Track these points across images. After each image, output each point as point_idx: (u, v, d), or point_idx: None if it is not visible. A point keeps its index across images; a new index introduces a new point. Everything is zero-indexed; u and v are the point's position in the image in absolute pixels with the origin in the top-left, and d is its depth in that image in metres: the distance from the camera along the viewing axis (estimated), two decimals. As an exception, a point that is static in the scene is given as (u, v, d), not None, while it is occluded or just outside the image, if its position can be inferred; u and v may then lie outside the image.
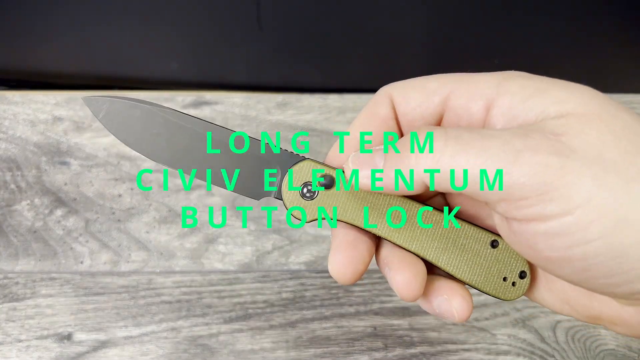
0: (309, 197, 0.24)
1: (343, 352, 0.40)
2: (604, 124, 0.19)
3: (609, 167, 0.18)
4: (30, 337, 0.40)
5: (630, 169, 0.18)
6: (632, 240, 0.17)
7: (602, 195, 0.17)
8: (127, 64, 0.54)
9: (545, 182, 0.18)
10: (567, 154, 0.18)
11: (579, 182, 0.17)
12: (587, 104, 0.19)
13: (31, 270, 0.43)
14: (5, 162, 0.47)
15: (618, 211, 0.17)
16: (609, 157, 0.18)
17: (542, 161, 0.18)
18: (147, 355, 0.40)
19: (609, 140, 0.18)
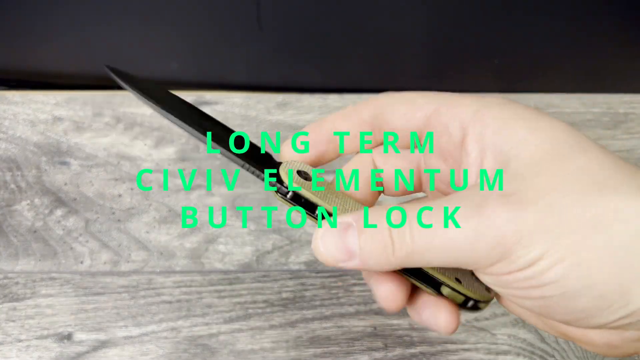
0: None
1: (343, 352, 0.40)
2: (557, 169, 0.20)
3: (561, 215, 0.19)
4: (30, 337, 0.40)
5: (581, 213, 0.19)
6: (584, 284, 0.19)
7: (555, 246, 0.19)
8: (127, 64, 0.54)
9: (504, 251, 0.19)
10: (518, 215, 0.19)
11: (533, 241, 0.19)
12: (546, 145, 0.20)
13: (31, 270, 0.43)
14: (5, 162, 0.47)
15: (570, 258, 0.19)
16: (561, 205, 0.19)
17: (497, 234, 0.19)
18: (147, 355, 0.40)
19: (560, 186, 0.19)
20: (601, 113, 0.51)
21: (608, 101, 0.51)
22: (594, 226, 0.19)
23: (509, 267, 0.20)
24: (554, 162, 0.20)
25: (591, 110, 0.51)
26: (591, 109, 0.51)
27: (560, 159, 0.20)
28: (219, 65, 0.54)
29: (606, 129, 0.50)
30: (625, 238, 0.18)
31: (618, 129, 0.50)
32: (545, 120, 0.22)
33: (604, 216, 0.19)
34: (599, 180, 0.19)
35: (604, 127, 0.50)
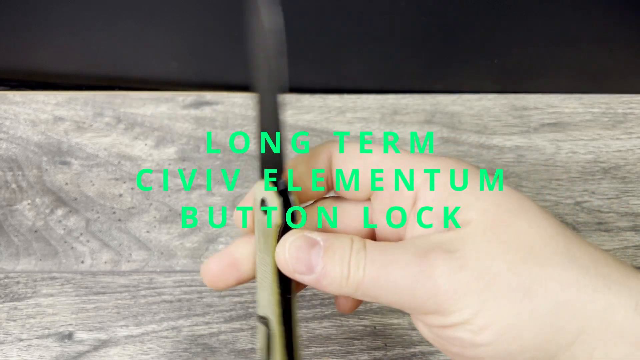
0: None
1: (343, 351, 0.40)
2: (496, 235, 0.21)
3: (494, 280, 0.20)
4: (31, 337, 0.40)
5: (512, 280, 0.20)
6: (515, 348, 0.20)
7: (487, 308, 0.20)
8: (127, 64, 0.54)
9: (438, 303, 0.21)
10: (455, 272, 0.20)
11: (466, 302, 0.20)
12: (487, 212, 0.22)
13: (32, 270, 0.43)
14: (6, 162, 0.48)
15: (501, 322, 0.20)
16: (495, 270, 0.20)
17: (433, 286, 0.21)
18: (148, 354, 0.40)
19: (496, 252, 0.21)
20: (600, 113, 0.51)
21: (607, 101, 0.52)
22: (522, 294, 0.20)
23: (443, 320, 0.21)
24: (496, 227, 0.21)
25: (590, 111, 0.51)
26: (590, 109, 0.51)
27: (501, 225, 0.21)
28: (219, 65, 0.54)
29: (605, 129, 0.50)
30: (549, 306, 0.20)
31: (617, 129, 0.50)
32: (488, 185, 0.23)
33: (531, 285, 0.20)
34: (534, 248, 0.21)
35: (603, 127, 0.50)
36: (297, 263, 0.24)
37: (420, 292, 0.21)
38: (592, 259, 0.21)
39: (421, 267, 0.21)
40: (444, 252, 0.21)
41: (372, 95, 0.52)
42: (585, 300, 0.20)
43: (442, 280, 0.21)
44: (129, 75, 0.54)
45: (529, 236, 0.21)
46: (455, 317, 0.21)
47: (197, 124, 0.50)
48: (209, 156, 0.48)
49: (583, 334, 0.20)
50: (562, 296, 0.20)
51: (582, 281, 0.20)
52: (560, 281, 0.20)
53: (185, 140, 0.49)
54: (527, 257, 0.20)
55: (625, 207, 0.46)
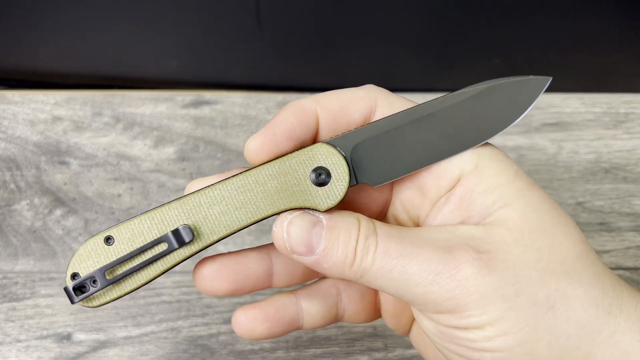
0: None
1: (343, 352, 0.40)
2: (532, 242, 0.20)
3: (523, 290, 0.19)
4: (29, 337, 0.40)
5: (540, 292, 0.20)
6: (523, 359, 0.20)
7: (508, 317, 0.19)
8: (126, 64, 0.54)
9: (458, 304, 0.20)
10: (483, 275, 0.20)
11: (490, 305, 0.19)
12: (528, 216, 0.21)
13: (30, 270, 0.43)
14: (5, 162, 0.47)
15: (520, 333, 0.19)
16: (525, 279, 0.20)
17: (456, 286, 0.20)
18: (147, 355, 0.40)
19: (528, 260, 0.20)
20: (602, 113, 0.51)
21: (609, 101, 0.51)
22: (546, 308, 0.19)
23: (457, 321, 0.20)
24: (534, 233, 0.20)
25: (592, 110, 0.51)
26: (592, 108, 0.51)
27: (540, 231, 0.20)
28: (219, 65, 0.54)
29: (607, 128, 0.50)
30: (569, 326, 0.19)
31: (619, 129, 0.50)
32: (533, 189, 0.22)
33: (556, 300, 0.19)
34: (566, 261, 0.20)
35: (605, 127, 0.50)
36: (296, 243, 0.22)
37: (438, 291, 0.20)
38: (611, 280, 0.20)
39: (446, 265, 0.20)
40: (473, 251, 0.20)
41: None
42: (601, 322, 0.20)
43: (468, 283, 0.19)
44: (128, 75, 0.53)
45: (564, 248, 0.20)
46: (472, 320, 0.20)
47: (196, 124, 0.49)
48: (209, 156, 0.48)
49: (591, 355, 0.20)
50: (582, 316, 0.20)
51: (601, 302, 0.20)
52: (584, 300, 0.20)
53: (185, 140, 0.49)
54: (558, 269, 0.20)
55: (626, 207, 0.46)
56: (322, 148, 0.23)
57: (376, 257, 0.21)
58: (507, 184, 0.22)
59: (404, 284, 0.20)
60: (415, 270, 0.20)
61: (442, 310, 0.20)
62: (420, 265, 0.20)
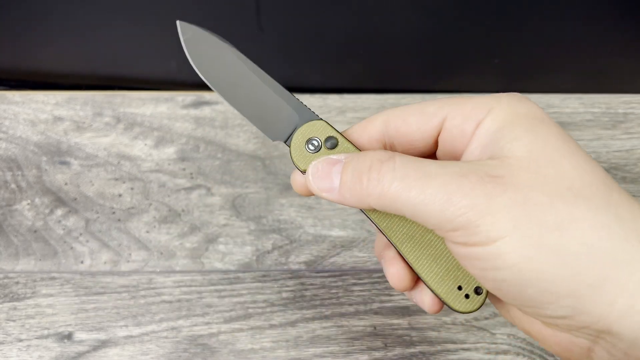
0: (313, 150, 0.27)
1: (343, 351, 0.40)
2: (540, 168, 0.22)
3: (530, 211, 0.21)
4: (30, 337, 0.40)
5: (548, 213, 0.21)
6: (532, 276, 0.21)
7: (516, 235, 0.20)
8: (127, 64, 0.54)
9: (469, 220, 0.21)
10: (494, 196, 0.21)
11: (498, 223, 0.21)
12: (534, 147, 0.22)
13: (31, 270, 0.43)
14: (6, 162, 0.47)
15: (526, 250, 0.20)
16: (535, 201, 0.21)
17: (469, 203, 0.21)
18: (148, 354, 0.40)
19: (538, 185, 0.21)
20: (601, 113, 0.51)
21: (607, 101, 0.52)
22: (554, 229, 0.20)
23: (468, 238, 0.21)
24: (540, 162, 0.22)
25: (590, 110, 0.51)
26: (590, 109, 0.51)
27: (546, 161, 0.22)
28: (219, 65, 0.54)
29: (605, 129, 0.50)
30: (576, 245, 0.20)
31: (617, 129, 0.50)
32: (544, 123, 0.23)
33: (563, 221, 0.20)
34: (573, 187, 0.21)
35: (604, 127, 0.50)
36: (320, 181, 0.25)
37: (452, 209, 0.21)
38: (630, 210, 0.21)
39: (460, 186, 0.21)
40: (486, 175, 0.21)
41: (372, 95, 0.52)
42: (615, 247, 0.20)
43: (479, 200, 0.21)
44: (128, 75, 0.54)
45: (571, 176, 0.21)
46: (482, 236, 0.21)
47: (197, 124, 0.49)
48: (209, 156, 0.48)
49: (608, 281, 0.20)
50: (592, 237, 0.20)
51: (614, 228, 0.20)
52: (594, 223, 0.20)
53: (185, 140, 0.49)
54: (565, 194, 0.21)
55: (625, 207, 0.46)
56: None
57: (395, 178, 0.23)
58: (518, 121, 0.23)
59: (422, 204, 0.22)
60: (432, 191, 0.22)
61: (456, 227, 0.21)
62: (437, 187, 0.22)
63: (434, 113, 0.25)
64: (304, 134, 0.28)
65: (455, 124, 0.25)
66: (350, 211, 0.46)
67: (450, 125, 0.25)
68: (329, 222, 0.45)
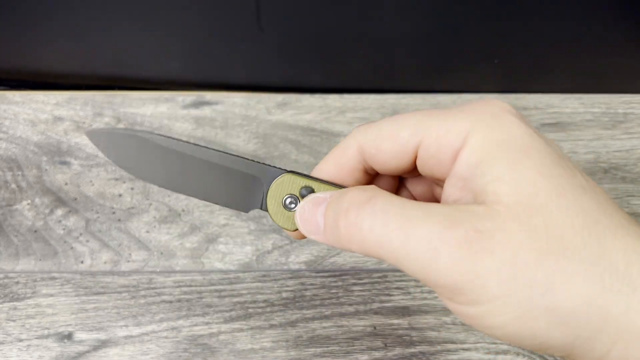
0: (292, 208, 0.26)
1: (343, 351, 0.40)
2: (528, 219, 0.20)
3: (520, 272, 0.19)
4: (30, 337, 0.40)
5: (537, 273, 0.19)
6: (525, 334, 0.20)
7: (505, 298, 0.19)
8: (127, 64, 0.54)
9: (456, 282, 0.20)
10: (482, 258, 0.20)
11: (486, 287, 0.20)
12: (520, 188, 0.20)
13: (32, 270, 0.43)
14: (6, 162, 0.47)
15: (517, 312, 0.20)
16: (523, 261, 0.20)
17: (454, 265, 0.20)
18: (148, 354, 0.40)
19: (526, 240, 0.20)
20: (601, 113, 0.51)
21: (607, 101, 0.52)
22: (545, 289, 0.19)
23: (454, 296, 0.20)
24: (528, 209, 0.20)
25: (590, 111, 0.51)
26: (590, 109, 0.51)
27: (534, 208, 0.20)
28: (219, 65, 0.54)
29: (605, 129, 0.50)
30: (570, 304, 0.19)
31: (617, 129, 0.50)
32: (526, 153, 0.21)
33: (554, 280, 0.19)
34: (564, 238, 0.20)
35: (604, 127, 0.50)
36: (307, 224, 0.23)
37: (436, 268, 0.20)
38: (624, 253, 0.20)
39: (444, 243, 0.20)
40: (473, 231, 0.20)
41: (372, 95, 0.52)
42: (609, 300, 0.19)
43: (466, 262, 0.20)
44: (128, 75, 0.54)
45: (561, 223, 0.20)
46: (469, 298, 0.20)
47: (197, 124, 0.50)
48: (209, 156, 0.48)
49: (602, 332, 0.19)
50: (585, 293, 0.19)
51: (608, 280, 0.19)
52: (586, 277, 0.19)
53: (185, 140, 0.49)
54: (556, 248, 0.20)
55: (625, 207, 0.46)
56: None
57: (374, 225, 0.21)
58: (499, 154, 0.21)
59: (405, 257, 0.20)
60: (415, 245, 0.20)
61: (442, 285, 0.20)
62: (420, 239, 0.20)
63: (407, 140, 0.24)
64: (276, 194, 0.26)
65: (430, 154, 0.23)
66: (350, 211, 0.46)
67: (426, 155, 0.23)
68: (329, 222, 0.45)
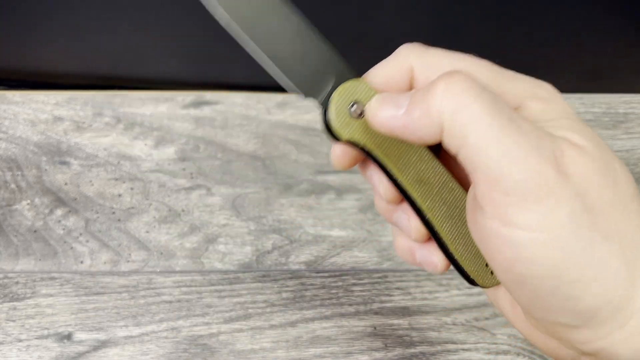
0: (356, 115, 0.23)
1: (343, 351, 0.40)
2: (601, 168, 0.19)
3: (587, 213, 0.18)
4: (30, 337, 0.40)
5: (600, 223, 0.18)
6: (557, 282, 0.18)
7: (567, 234, 0.18)
8: (127, 64, 0.54)
9: (532, 190, 0.18)
10: (563, 174, 0.18)
11: (556, 209, 0.18)
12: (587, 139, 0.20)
13: (31, 270, 0.43)
14: (6, 162, 0.47)
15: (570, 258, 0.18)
16: (590, 201, 0.18)
17: (542, 170, 0.18)
18: (147, 354, 0.40)
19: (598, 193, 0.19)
20: (601, 113, 0.51)
21: (608, 101, 0.52)
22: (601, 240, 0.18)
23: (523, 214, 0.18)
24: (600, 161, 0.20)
25: (591, 110, 0.51)
26: (591, 109, 0.51)
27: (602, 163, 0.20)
28: (218, 65, 0.54)
29: (606, 129, 0.50)
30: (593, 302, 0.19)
31: (618, 129, 0.50)
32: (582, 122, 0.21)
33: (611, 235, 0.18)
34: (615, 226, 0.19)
35: (604, 127, 0.50)
36: (385, 105, 0.21)
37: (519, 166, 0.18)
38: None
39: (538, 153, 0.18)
40: (556, 163, 0.18)
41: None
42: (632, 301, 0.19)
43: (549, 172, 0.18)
44: (128, 75, 0.54)
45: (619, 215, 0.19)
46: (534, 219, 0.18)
47: (197, 124, 0.49)
48: (209, 156, 0.48)
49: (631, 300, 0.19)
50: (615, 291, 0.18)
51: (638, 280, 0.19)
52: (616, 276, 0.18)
53: (185, 140, 0.49)
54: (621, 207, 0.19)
55: (626, 207, 0.46)
56: None
57: (480, 97, 0.19)
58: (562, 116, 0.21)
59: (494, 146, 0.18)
60: (513, 140, 0.18)
61: (512, 191, 0.18)
62: (519, 139, 0.18)
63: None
64: (345, 95, 0.23)
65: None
66: (351, 211, 0.46)
67: None
68: (329, 222, 0.45)
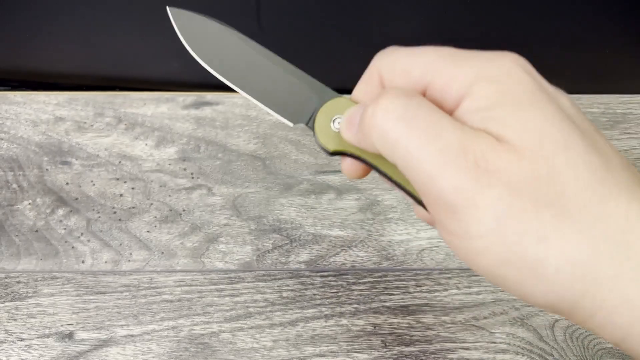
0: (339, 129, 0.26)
1: (343, 350, 0.41)
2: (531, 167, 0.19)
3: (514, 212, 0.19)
4: (32, 336, 0.41)
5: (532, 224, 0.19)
6: (508, 282, 0.20)
7: (497, 234, 0.19)
8: (128, 64, 0.54)
9: (454, 202, 0.19)
10: (484, 187, 0.19)
11: (482, 218, 0.19)
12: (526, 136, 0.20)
13: (33, 270, 0.43)
14: (7, 162, 0.48)
15: (504, 256, 0.19)
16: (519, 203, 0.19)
17: (459, 183, 0.19)
18: (149, 353, 0.40)
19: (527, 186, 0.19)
20: (599, 113, 0.51)
21: (606, 102, 0.52)
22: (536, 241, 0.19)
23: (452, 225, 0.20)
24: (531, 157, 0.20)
25: (589, 111, 0.51)
26: (589, 109, 0.51)
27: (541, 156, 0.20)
28: (219, 66, 0.54)
29: (604, 129, 0.50)
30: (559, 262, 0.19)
31: (616, 129, 0.50)
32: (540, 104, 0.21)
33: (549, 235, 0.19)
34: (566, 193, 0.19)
35: (602, 127, 0.50)
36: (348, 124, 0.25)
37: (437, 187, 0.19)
38: (625, 219, 0.19)
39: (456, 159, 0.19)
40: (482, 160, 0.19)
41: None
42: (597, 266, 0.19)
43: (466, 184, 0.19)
44: (129, 76, 0.54)
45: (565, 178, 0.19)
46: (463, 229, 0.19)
47: (198, 124, 0.50)
48: (209, 156, 0.48)
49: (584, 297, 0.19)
50: (574, 255, 0.19)
51: (602, 245, 0.19)
52: (578, 239, 0.19)
53: (186, 140, 0.49)
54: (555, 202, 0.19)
55: (624, 207, 0.46)
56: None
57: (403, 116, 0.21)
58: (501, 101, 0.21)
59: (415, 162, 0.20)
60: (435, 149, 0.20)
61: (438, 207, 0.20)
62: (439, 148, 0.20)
63: (417, 80, 0.25)
64: (327, 113, 0.26)
65: (435, 98, 0.24)
66: (350, 211, 0.46)
67: (432, 98, 0.24)
68: (329, 222, 0.45)
